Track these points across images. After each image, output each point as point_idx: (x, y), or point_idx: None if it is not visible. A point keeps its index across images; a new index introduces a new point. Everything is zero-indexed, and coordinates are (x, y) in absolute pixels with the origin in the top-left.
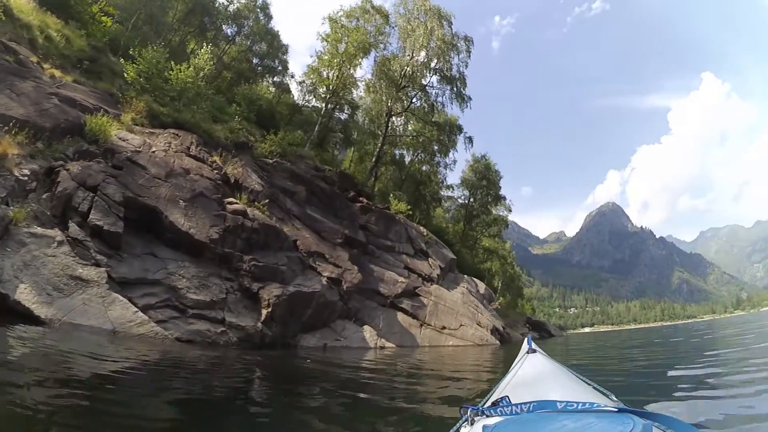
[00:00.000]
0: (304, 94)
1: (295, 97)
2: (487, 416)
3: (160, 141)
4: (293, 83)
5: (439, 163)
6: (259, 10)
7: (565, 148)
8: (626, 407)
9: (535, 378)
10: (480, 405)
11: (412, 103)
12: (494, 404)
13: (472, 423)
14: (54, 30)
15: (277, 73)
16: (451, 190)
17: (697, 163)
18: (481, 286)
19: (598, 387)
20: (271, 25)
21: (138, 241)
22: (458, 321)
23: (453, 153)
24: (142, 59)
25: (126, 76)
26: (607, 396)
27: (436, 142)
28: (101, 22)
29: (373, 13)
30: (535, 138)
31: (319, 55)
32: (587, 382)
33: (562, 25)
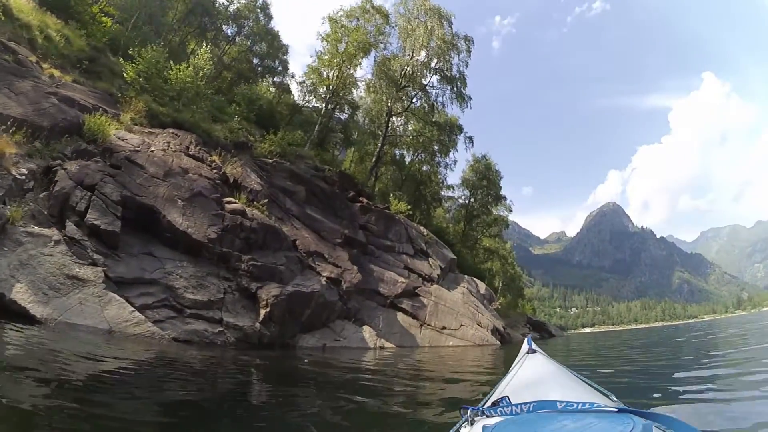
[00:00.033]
0: (304, 94)
1: (295, 97)
2: (487, 416)
3: (159, 140)
4: (293, 83)
5: (440, 163)
6: (259, 11)
7: (566, 147)
8: (626, 407)
9: (535, 378)
10: (480, 405)
11: (412, 103)
12: (494, 404)
13: (472, 423)
14: (53, 30)
15: (278, 73)
16: (451, 190)
17: (697, 163)
18: (482, 286)
19: (598, 387)
20: (272, 26)
21: (135, 241)
22: (458, 321)
23: (453, 153)
24: (142, 59)
25: (125, 76)
26: (607, 396)
27: (437, 142)
28: (101, 23)
29: (373, 13)
30: (536, 138)
31: (319, 55)
32: (587, 382)
33: (562, 25)
